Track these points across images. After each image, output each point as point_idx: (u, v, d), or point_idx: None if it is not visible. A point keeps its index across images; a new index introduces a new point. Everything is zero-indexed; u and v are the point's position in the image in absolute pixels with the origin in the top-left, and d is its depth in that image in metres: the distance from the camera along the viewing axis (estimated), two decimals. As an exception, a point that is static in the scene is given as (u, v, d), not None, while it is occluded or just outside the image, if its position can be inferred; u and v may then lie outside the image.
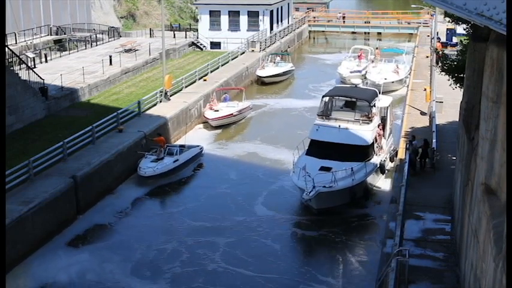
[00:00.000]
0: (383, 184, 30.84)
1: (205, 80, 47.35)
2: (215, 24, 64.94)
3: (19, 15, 53.27)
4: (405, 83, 51.17)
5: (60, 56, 52.03)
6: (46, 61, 49.07)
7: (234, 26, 64.89)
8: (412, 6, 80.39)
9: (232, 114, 41.38)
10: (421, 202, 24.69)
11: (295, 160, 29.20)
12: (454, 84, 28.15)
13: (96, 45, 58.02)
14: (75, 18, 61.40)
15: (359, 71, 53.19)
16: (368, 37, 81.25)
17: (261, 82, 54.73)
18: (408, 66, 55.28)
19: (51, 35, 55.76)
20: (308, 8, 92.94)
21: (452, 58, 28.77)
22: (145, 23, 72.34)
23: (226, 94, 44.93)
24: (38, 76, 38.05)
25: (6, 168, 24.01)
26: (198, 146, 35.22)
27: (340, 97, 32.80)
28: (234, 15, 64.91)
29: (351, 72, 52.99)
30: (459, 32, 55.96)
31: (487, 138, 14.10)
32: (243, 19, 64.89)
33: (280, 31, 68.42)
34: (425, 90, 41.86)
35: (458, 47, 39.83)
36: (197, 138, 38.47)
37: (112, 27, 64.53)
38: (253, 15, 64.96)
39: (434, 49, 36.64)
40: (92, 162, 29.12)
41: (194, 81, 46.61)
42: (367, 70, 53.34)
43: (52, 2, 57.71)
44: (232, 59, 56.17)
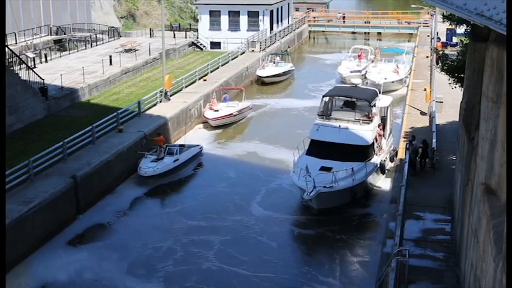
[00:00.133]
0: (383, 184, 30.84)
1: (205, 80, 47.35)
2: (215, 24, 64.94)
3: (19, 15, 53.28)
4: (405, 83, 51.18)
5: (60, 56, 52.04)
6: (46, 61, 49.07)
7: (234, 26, 64.89)
8: (412, 6, 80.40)
9: (232, 114, 41.39)
10: (421, 202, 24.68)
11: (295, 160, 29.20)
12: (454, 83, 28.14)
13: (96, 45, 58.03)
14: (75, 18, 61.41)
15: (359, 71, 53.19)
16: (368, 37, 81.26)
17: (261, 82, 54.74)
18: (408, 66, 55.28)
19: (51, 35, 55.77)
20: (308, 8, 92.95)
21: (452, 58, 28.75)
22: (145, 23, 72.35)
23: (226, 94, 44.94)
24: (38, 76, 38.05)
25: (6, 168, 24.01)
26: (198, 146, 35.25)
27: (340, 97, 32.79)
28: (234, 15, 64.92)
29: (351, 72, 53.00)
30: (459, 32, 55.94)
31: (487, 138, 14.10)
32: (243, 19, 64.90)
33: (280, 31, 68.42)
34: (425, 90, 41.86)
35: (458, 47, 39.84)
36: (197, 138, 38.48)
37: (112, 27, 64.53)
38: (253, 15, 64.96)
39: (434, 49, 36.58)
40: (92, 162, 29.13)
41: (194, 81, 46.61)
42: (367, 70, 53.36)
43: (52, 2, 57.72)
44: (232, 59, 56.18)
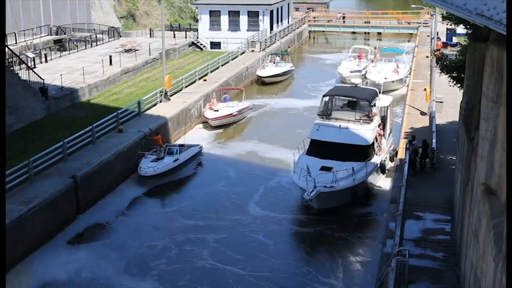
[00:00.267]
0: (383, 184, 30.84)
1: (205, 80, 47.35)
2: (215, 24, 64.94)
3: (19, 15, 53.27)
4: (405, 83, 51.21)
5: (60, 56, 52.04)
6: (46, 61, 49.07)
7: (234, 26, 64.89)
8: (412, 6, 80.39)
9: (232, 114, 41.39)
10: (421, 202, 24.68)
11: (295, 160, 29.20)
12: (453, 82, 28.14)
13: (96, 45, 58.03)
14: (75, 18, 61.40)
15: (359, 71, 53.21)
16: (368, 37, 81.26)
17: (261, 82, 54.75)
18: (408, 65, 55.30)
19: (51, 35, 55.76)
20: (308, 8, 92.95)
21: (451, 59, 28.73)
22: (145, 23, 72.35)
23: (226, 94, 44.95)
24: (38, 76, 38.05)
25: (6, 168, 24.01)
26: (198, 146, 35.27)
27: (340, 97, 32.78)
28: (234, 15, 64.91)
29: (351, 72, 53.02)
30: (459, 32, 55.99)
31: (487, 138, 14.10)
32: (243, 19, 64.89)
33: (280, 31, 68.41)
34: (425, 90, 41.86)
35: (458, 47, 39.83)
36: (197, 137, 38.49)
37: (112, 27, 64.53)
38: (253, 15, 64.96)
39: (433, 51, 36.58)
40: (92, 162, 29.13)
41: (194, 81, 46.61)
42: (367, 70, 53.38)
43: (52, 2, 57.71)
44: (232, 59, 56.18)
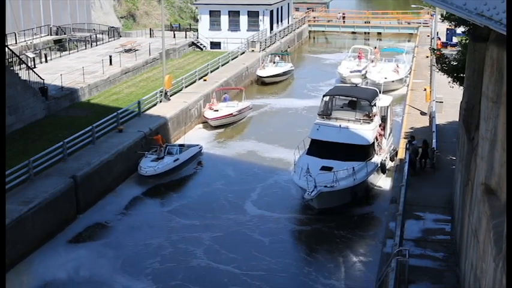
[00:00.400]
0: (384, 183, 30.84)
1: (205, 80, 47.35)
2: (215, 24, 64.93)
3: (19, 15, 53.27)
4: (405, 83, 51.22)
5: (60, 56, 52.04)
6: (46, 61, 49.07)
7: (234, 26, 64.88)
8: (412, 6, 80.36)
9: (232, 114, 41.39)
10: (421, 202, 24.68)
11: (295, 160, 29.20)
12: (453, 82, 28.13)
13: (96, 45, 58.03)
14: (75, 18, 61.39)
15: (359, 71, 53.23)
16: (368, 37, 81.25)
17: (261, 82, 54.75)
18: (408, 65, 55.31)
19: (51, 35, 55.75)
20: (308, 8, 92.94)
21: (450, 59, 28.71)
22: (145, 23, 72.34)
23: (226, 94, 44.95)
24: (38, 76, 38.05)
25: (6, 168, 24.01)
26: (198, 145, 35.30)
27: (340, 96, 32.77)
28: (234, 15, 64.90)
29: (351, 72, 53.03)
30: (459, 32, 55.94)
31: (487, 138, 14.10)
32: (243, 19, 64.88)
33: (280, 31, 68.41)
34: (425, 90, 41.86)
35: (457, 47, 39.81)
36: (197, 137, 38.52)
37: (112, 27, 64.53)
38: (253, 15, 64.94)
39: (431, 49, 36.52)
40: (92, 162, 29.13)
41: (194, 81, 46.62)
42: (367, 70, 53.40)
43: (52, 2, 57.71)
44: (232, 59, 56.18)
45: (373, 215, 28.26)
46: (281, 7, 70.96)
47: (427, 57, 56.89)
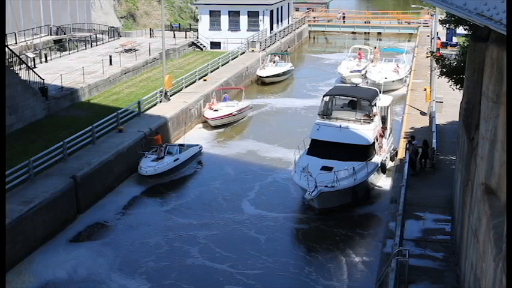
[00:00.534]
0: (384, 183, 30.84)
1: (205, 80, 47.36)
2: (215, 24, 64.92)
3: (19, 15, 53.26)
4: (405, 82, 51.23)
5: (60, 56, 52.04)
6: (46, 61, 49.06)
7: (234, 26, 64.87)
8: (412, 6, 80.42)
9: (231, 113, 41.40)
10: (421, 202, 24.69)
11: (296, 160, 29.21)
12: (454, 85, 28.12)
13: (96, 45, 58.03)
14: (75, 18, 61.37)
15: (359, 71, 53.24)
16: (368, 37, 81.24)
17: (261, 82, 54.77)
18: (408, 65, 55.30)
19: (51, 35, 55.73)
20: (308, 8, 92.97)
21: (450, 60, 28.66)
22: (145, 23, 72.33)
23: (225, 94, 44.96)
24: (38, 76, 38.05)
25: (6, 168, 24.01)
26: (197, 145, 35.34)
27: (341, 96, 32.76)
28: (234, 15, 64.90)
29: (351, 71, 53.05)
30: (459, 32, 55.93)
31: (487, 138, 14.11)
32: (243, 19, 64.88)
33: (280, 31, 68.41)
34: (425, 90, 41.88)
35: (457, 48, 39.76)
36: (197, 137, 38.55)
37: (112, 27, 64.52)
38: (253, 15, 64.94)
39: (430, 52, 36.44)
40: (92, 162, 29.13)
41: (194, 81, 46.62)
42: (367, 70, 53.40)
43: (52, 2, 57.69)
44: (232, 59, 56.19)
45: (373, 215, 28.24)
46: (281, 7, 70.96)
47: (427, 57, 56.85)
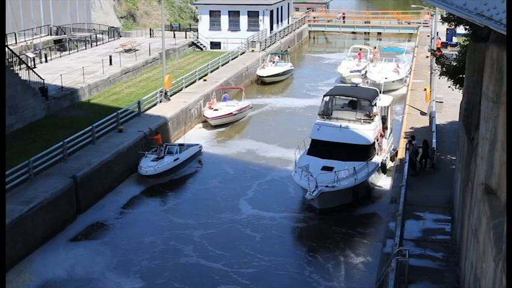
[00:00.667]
0: (384, 183, 30.84)
1: (205, 80, 47.36)
2: (215, 24, 64.92)
3: (19, 15, 53.25)
4: (405, 82, 51.23)
5: (60, 56, 52.03)
6: (46, 61, 49.06)
7: (234, 26, 64.87)
8: (412, 6, 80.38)
9: (231, 113, 41.40)
10: (421, 202, 24.69)
11: (296, 160, 29.20)
12: (454, 86, 28.12)
13: (96, 45, 58.03)
14: (75, 18, 61.37)
15: (359, 71, 53.24)
16: (368, 37, 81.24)
17: (261, 82, 54.77)
18: (408, 65, 55.31)
19: (51, 35, 55.73)
20: (308, 8, 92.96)
21: (450, 60, 28.65)
22: (145, 23, 72.33)
23: (225, 93, 44.97)
24: (38, 76, 38.05)
25: (6, 168, 24.01)
26: (197, 145, 35.35)
27: (341, 96, 32.76)
28: (234, 15, 64.90)
29: (351, 71, 53.06)
30: (459, 32, 55.95)
31: (487, 138, 14.11)
32: (243, 19, 64.88)
33: (280, 31, 68.41)
34: (425, 90, 41.87)
35: (457, 48, 39.81)
36: (197, 137, 38.57)
37: (112, 27, 64.51)
38: (253, 15, 64.94)
39: (431, 50, 36.46)
40: (92, 162, 29.13)
41: (194, 81, 46.63)
42: (367, 69, 53.40)
43: (52, 2, 57.69)
44: (232, 59, 56.19)
45: (373, 215, 28.24)
46: (281, 7, 70.96)
47: (427, 57, 56.90)
